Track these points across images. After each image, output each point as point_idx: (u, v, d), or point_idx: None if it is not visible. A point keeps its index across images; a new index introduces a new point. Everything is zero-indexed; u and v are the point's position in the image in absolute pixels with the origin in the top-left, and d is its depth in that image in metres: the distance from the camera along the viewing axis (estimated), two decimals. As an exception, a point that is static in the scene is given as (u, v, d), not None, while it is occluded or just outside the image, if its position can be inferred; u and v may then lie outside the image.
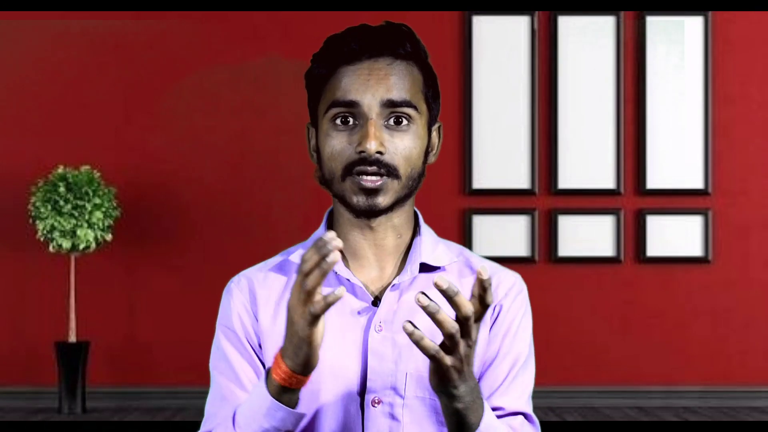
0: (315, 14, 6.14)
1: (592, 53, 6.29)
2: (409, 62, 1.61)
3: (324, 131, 1.60)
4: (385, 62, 1.59)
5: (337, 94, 1.58)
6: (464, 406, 1.43)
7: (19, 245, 6.11)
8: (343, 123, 1.58)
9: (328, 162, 1.59)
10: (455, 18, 6.30)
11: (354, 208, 1.59)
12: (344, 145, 1.58)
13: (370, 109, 1.57)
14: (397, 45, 1.60)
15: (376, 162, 1.56)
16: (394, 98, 1.57)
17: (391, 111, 1.58)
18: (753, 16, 6.31)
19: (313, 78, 1.63)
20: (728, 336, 6.27)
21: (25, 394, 6.12)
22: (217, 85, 6.20)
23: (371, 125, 1.56)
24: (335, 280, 1.62)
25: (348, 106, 1.58)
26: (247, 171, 6.19)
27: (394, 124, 1.58)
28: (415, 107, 1.59)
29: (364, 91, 1.57)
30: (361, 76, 1.58)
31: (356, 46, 1.59)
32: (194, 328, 6.02)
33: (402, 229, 1.64)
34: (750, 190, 6.31)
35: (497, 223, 6.25)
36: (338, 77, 1.59)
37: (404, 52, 1.60)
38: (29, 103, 6.21)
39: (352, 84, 1.58)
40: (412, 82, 1.60)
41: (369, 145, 1.55)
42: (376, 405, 1.58)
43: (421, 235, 1.65)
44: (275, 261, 1.69)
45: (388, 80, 1.58)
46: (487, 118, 6.26)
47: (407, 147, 1.58)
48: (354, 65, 1.58)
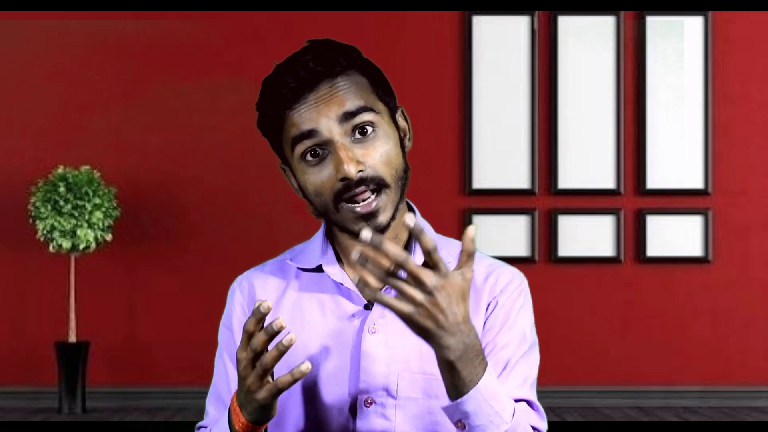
0: (315, 14, 6.14)
1: (592, 53, 6.29)
2: (347, 73, 1.59)
3: (299, 171, 1.60)
4: (326, 86, 1.57)
5: (293, 131, 1.58)
6: (455, 358, 1.40)
7: (19, 245, 6.11)
8: (312, 157, 1.58)
9: (316, 198, 1.60)
10: (455, 18, 6.30)
11: (357, 233, 1.58)
12: (324, 177, 1.57)
13: (332, 132, 1.56)
14: (330, 66, 1.58)
15: (362, 181, 1.55)
16: (348, 109, 1.56)
17: (352, 125, 1.57)
18: (753, 16, 6.31)
19: (266, 124, 1.64)
20: (728, 336, 6.27)
21: (25, 394, 6.12)
22: (217, 85, 6.20)
23: (340, 149, 1.55)
24: (330, 282, 1.64)
25: (308, 136, 1.57)
26: (247, 171, 6.19)
27: (360, 136, 1.57)
28: (372, 109, 1.58)
29: (318, 117, 1.56)
30: (309, 107, 1.57)
31: (294, 83, 1.57)
32: (194, 328, 6.02)
33: (398, 228, 1.64)
34: (750, 190, 6.31)
35: (497, 223, 6.25)
36: (289, 117, 1.59)
37: (340, 68, 1.59)
38: (29, 103, 6.21)
39: (304, 116, 1.57)
40: (359, 88, 1.59)
41: (347, 169, 1.54)
42: (368, 405, 1.59)
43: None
44: (276, 262, 1.71)
45: (336, 98, 1.57)
46: (487, 118, 6.26)
47: (383, 152, 1.58)
48: (299, 102, 1.58)
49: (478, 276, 1.65)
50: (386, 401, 1.59)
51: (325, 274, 1.64)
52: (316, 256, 1.66)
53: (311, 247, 1.68)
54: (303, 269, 1.67)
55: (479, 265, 1.66)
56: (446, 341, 1.39)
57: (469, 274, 1.39)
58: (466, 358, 1.41)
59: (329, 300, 1.63)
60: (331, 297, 1.63)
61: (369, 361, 1.59)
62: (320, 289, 1.64)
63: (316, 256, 1.66)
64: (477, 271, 1.65)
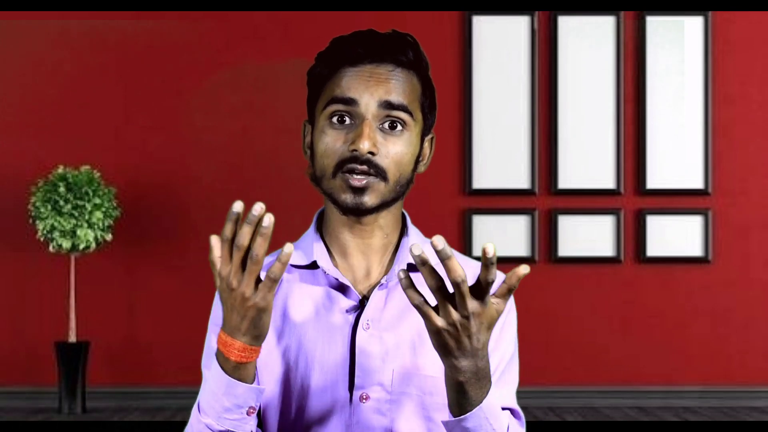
0: (315, 14, 6.14)
1: (592, 53, 6.29)
2: (410, 71, 1.63)
3: (320, 128, 1.63)
4: (386, 68, 1.61)
5: (336, 92, 1.61)
6: (465, 380, 1.44)
7: (19, 245, 6.11)
8: (339, 122, 1.61)
9: (321, 158, 1.62)
10: (455, 18, 6.30)
11: (341, 205, 1.61)
12: (338, 143, 1.60)
13: (367, 110, 1.60)
14: (400, 53, 1.62)
15: (367, 162, 1.58)
16: (392, 100, 1.60)
17: (387, 114, 1.60)
18: (753, 16, 6.31)
19: (315, 76, 1.66)
20: (728, 336, 6.28)
21: (25, 394, 6.12)
22: (217, 85, 6.20)
23: (366, 125, 1.59)
24: (324, 278, 1.65)
25: (346, 103, 1.60)
26: (247, 171, 6.19)
27: (389, 128, 1.61)
28: (411, 113, 1.62)
29: (364, 90, 1.60)
30: (362, 77, 1.61)
31: (361, 49, 1.61)
32: (194, 328, 6.00)
33: (388, 229, 1.66)
34: (750, 190, 6.31)
35: (497, 223, 6.25)
36: (339, 76, 1.62)
37: (406, 60, 1.63)
38: (29, 103, 6.21)
39: (352, 83, 1.60)
40: (411, 89, 1.63)
41: (362, 145, 1.57)
42: (364, 401, 1.60)
43: (408, 236, 1.68)
44: (267, 260, 1.69)
45: (387, 84, 1.61)
46: (487, 118, 6.26)
47: (399, 152, 1.61)
48: (356, 67, 1.61)
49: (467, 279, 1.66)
50: (381, 396, 1.60)
51: (318, 271, 1.66)
52: (309, 252, 1.67)
53: (303, 244, 1.69)
54: (296, 266, 1.67)
55: (467, 268, 1.68)
56: (461, 363, 1.42)
57: (502, 307, 1.42)
58: (476, 380, 1.45)
59: (323, 296, 1.64)
60: (325, 293, 1.64)
61: (364, 356, 1.60)
62: (314, 286, 1.65)
63: (308, 252, 1.67)
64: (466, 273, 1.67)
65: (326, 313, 1.63)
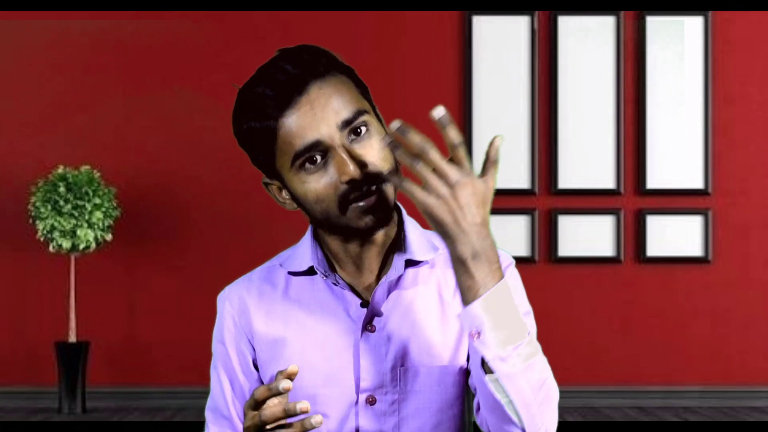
0: (315, 14, 6.14)
1: (592, 53, 6.29)
2: (332, 75, 1.57)
3: (295, 181, 1.57)
4: (315, 88, 1.54)
5: (296, 143, 1.53)
6: (468, 256, 1.42)
7: (19, 245, 6.11)
8: (311, 163, 1.55)
9: (316, 205, 1.57)
10: (455, 18, 6.30)
11: (364, 230, 1.57)
12: (325, 184, 1.54)
13: (332, 139, 1.53)
14: (313, 67, 1.55)
15: (366, 178, 1.54)
16: (346, 117, 1.54)
17: (349, 128, 1.55)
18: (753, 16, 6.31)
19: (253, 137, 1.58)
20: (728, 336, 6.27)
21: (25, 394, 6.12)
22: (217, 85, 6.20)
23: (341, 152, 1.53)
24: (323, 283, 1.64)
25: (312, 148, 1.53)
26: (247, 171, 6.16)
27: (356, 136, 1.55)
28: (365, 111, 1.57)
29: (317, 125, 1.53)
30: (305, 113, 1.53)
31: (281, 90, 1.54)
32: (194, 328, 6.02)
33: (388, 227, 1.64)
34: (750, 190, 6.31)
35: (497, 223, 6.21)
36: (284, 128, 1.54)
37: (323, 69, 1.56)
38: (29, 103, 6.21)
39: (302, 126, 1.53)
40: (348, 90, 1.57)
41: (353, 170, 1.52)
42: (371, 404, 1.60)
43: (406, 230, 1.64)
44: (265, 268, 1.70)
45: (330, 103, 1.54)
46: (487, 118, 6.26)
47: (379, 149, 1.56)
48: (291, 108, 1.54)
49: None
50: (389, 398, 1.59)
51: (317, 277, 1.64)
52: (307, 259, 1.65)
53: (300, 251, 1.67)
54: (294, 273, 1.66)
55: None
56: (461, 238, 1.41)
57: (491, 182, 1.43)
58: (480, 260, 1.42)
59: (323, 301, 1.63)
60: (325, 298, 1.63)
61: (369, 359, 1.59)
62: (313, 292, 1.64)
63: (306, 259, 1.65)
64: None
65: (328, 318, 1.62)
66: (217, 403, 1.67)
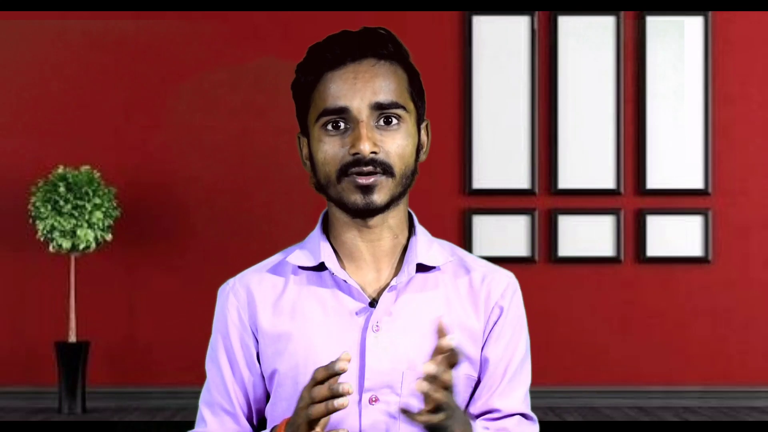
0: (315, 14, 6.14)
1: (592, 53, 6.29)
2: (392, 62, 1.62)
3: (315, 138, 1.61)
4: (369, 64, 1.60)
5: (327, 102, 1.59)
6: None
7: (19, 245, 6.11)
8: (334, 128, 1.60)
9: (323, 167, 1.61)
10: (455, 18, 6.30)
11: (351, 207, 1.60)
12: (337, 149, 1.59)
13: (360, 113, 1.58)
14: (379, 47, 1.61)
15: (371, 162, 1.57)
16: (381, 101, 1.59)
17: (380, 113, 1.59)
18: (753, 16, 6.31)
19: (300, 87, 1.65)
20: (728, 336, 6.27)
21: (25, 394, 6.12)
22: (217, 85, 6.20)
23: (363, 127, 1.58)
24: (331, 280, 1.64)
25: (338, 113, 1.59)
26: (247, 171, 6.19)
27: (385, 124, 1.59)
28: (404, 107, 1.61)
29: (352, 95, 1.59)
30: (347, 80, 1.59)
31: (339, 50, 1.60)
32: (194, 328, 6.01)
33: (397, 229, 1.65)
34: (750, 190, 6.31)
35: (497, 223, 6.25)
36: (325, 84, 1.60)
37: (387, 53, 1.62)
38: (29, 103, 6.21)
39: (339, 90, 1.59)
40: (398, 82, 1.61)
41: (363, 147, 1.56)
42: (373, 403, 1.60)
43: (416, 235, 1.66)
44: (272, 261, 1.70)
45: (374, 82, 1.59)
46: (487, 118, 6.26)
47: (400, 145, 1.60)
48: (339, 70, 1.60)
49: (475, 277, 1.67)
50: (391, 399, 1.60)
51: (325, 273, 1.64)
52: (316, 253, 1.65)
53: (308, 246, 1.68)
54: (303, 267, 1.66)
55: (476, 264, 1.69)
56: (453, 429, 1.47)
57: None
58: None
59: (331, 298, 1.63)
60: (333, 294, 1.63)
61: (373, 359, 1.60)
62: (321, 288, 1.64)
63: (315, 253, 1.65)
64: (474, 271, 1.68)
65: (335, 315, 1.62)
66: (216, 397, 1.67)
